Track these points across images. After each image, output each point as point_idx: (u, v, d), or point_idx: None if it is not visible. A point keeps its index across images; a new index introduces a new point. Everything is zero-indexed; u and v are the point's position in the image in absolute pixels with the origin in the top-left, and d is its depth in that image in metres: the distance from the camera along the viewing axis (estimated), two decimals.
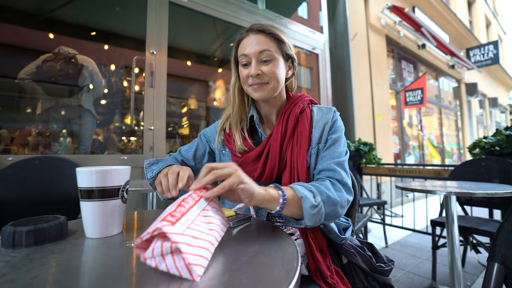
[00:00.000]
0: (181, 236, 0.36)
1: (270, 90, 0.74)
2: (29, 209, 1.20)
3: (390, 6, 4.50)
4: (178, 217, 0.39)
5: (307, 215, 0.58)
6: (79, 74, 2.27)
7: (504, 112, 13.35)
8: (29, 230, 0.45)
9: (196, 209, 0.44)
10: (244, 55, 0.73)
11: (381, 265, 0.71)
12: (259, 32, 0.73)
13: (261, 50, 0.72)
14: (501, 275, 0.57)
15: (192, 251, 0.36)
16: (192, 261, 0.35)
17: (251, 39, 0.73)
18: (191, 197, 0.45)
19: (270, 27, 0.74)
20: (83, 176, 0.50)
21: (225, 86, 4.18)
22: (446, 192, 1.18)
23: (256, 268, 0.38)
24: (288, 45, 0.77)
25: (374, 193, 3.80)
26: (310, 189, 0.60)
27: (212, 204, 0.49)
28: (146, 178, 0.75)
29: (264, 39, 0.73)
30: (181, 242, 0.35)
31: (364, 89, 3.99)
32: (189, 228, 0.39)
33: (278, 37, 0.74)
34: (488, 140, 2.13)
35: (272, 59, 0.73)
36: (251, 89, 0.75)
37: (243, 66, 0.75)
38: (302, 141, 0.72)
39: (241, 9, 2.79)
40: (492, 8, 12.48)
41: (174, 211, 0.40)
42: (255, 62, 0.72)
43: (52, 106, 2.24)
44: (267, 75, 0.73)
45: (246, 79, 0.75)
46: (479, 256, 2.16)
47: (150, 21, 2.15)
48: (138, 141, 2.70)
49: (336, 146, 0.73)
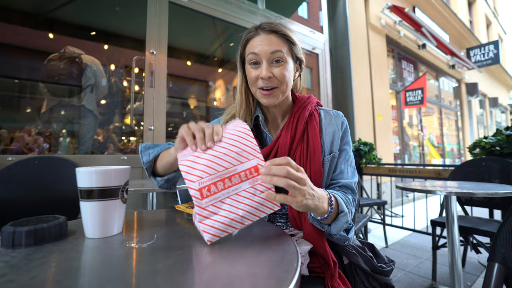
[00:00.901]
0: (202, 209, 0.47)
1: (280, 95, 0.72)
2: (29, 209, 1.20)
3: (390, 6, 4.50)
4: (210, 194, 0.48)
5: (338, 228, 0.61)
6: (82, 74, 2.27)
7: (504, 112, 13.34)
8: (29, 230, 0.45)
9: (234, 189, 0.50)
10: (254, 53, 0.70)
11: (382, 265, 0.70)
12: (271, 32, 0.70)
13: (273, 51, 0.69)
14: (501, 275, 0.57)
15: (207, 222, 0.47)
16: (203, 229, 0.47)
17: (262, 38, 0.70)
18: (239, 176, 0.50)
19: (282, 27, 0.72)
20: (83, 176, 0.50)
21: (225, 86, 4.18)
22: (446, 192, 1.18)
23: (256, 268, 0.38)
24: (299, 47, 0.76)
25: (374, 193, 3.80)
26: (346, 204, 0.64)
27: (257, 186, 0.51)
28: (142, 161, 0.70)
29: (277, 40, 0.70)
30: (199, 214, 0.47)
31: (364, 89, 3.99)
32: (212, 205, 0.48)
33: (290, 39, 0.72)
34: (489, 140, 2.13)
35: (283, 61, 0.70)
36: (260, 93, 0.72)
37: (252, 65, 0.72)
38: (315, 147, 0.72)
39: (241, 9, 2.79)
40: (493, 8, 12.48)
41: (215, 184, 0.49)
42: (266, 63, 0.69)
43: (55, 105, 2.24)
44: (278, 78, 0.70)
45: (255, 81, 0.72)
46: (479, 256, 2.15)
47: (150, 21, 2.15)
48: (138, 141, 2.70)
49: (349, 155, 0.78)
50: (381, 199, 2.94)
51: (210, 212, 0.48)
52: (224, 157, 0.51)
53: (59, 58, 2.18)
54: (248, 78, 0.74)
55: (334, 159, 0.75)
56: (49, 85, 2.23)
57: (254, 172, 0.51)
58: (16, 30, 2.32)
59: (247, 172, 0.51)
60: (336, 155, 0.75)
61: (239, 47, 0.76)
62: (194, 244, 0.47)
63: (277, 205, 0.52)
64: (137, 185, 1.36)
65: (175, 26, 2.39)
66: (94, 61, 2.34)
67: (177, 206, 0.70)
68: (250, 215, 0.50)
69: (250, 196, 0.50)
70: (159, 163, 0.69)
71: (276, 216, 0.77)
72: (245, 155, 0.52)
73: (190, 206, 0.68)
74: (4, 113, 2.28)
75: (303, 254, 0.65)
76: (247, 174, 0.51)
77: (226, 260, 0.41)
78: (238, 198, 0.50)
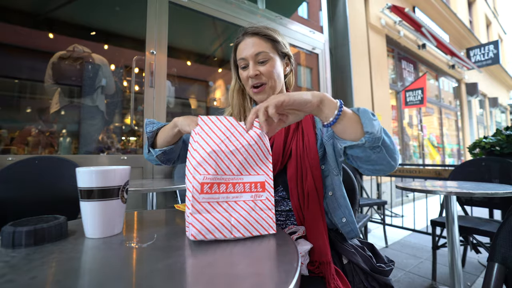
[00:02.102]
0: (197, 203, 0.47)
1: (269, 90, 0.78)
2: (29, 209, 1.20)
3: (390, 6, 4.50)
4: (210, 192, 0.48)
5: (368, 122, 0.52)
6: (97, 75, 2.29)
7: (504, 112, 13.34)
8: (29, 230, 0.45)
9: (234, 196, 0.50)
10: (242, 58, 0.77)
11: (382, 265, 0.70)
12: (253, 35, 0.77)
13: (257, 53, 0.75)
14: (501, 275, 0.57)
15: (197, 216, 0.46)
16: (191, 221, 0.46)
17: (246, 42, 0.77)
18: (243, 186, 0.51)
19: (263, 29, 0.78)
20: (83, 176, 0.50)
21: (225, 86, 4.18)
22: (446, 192, 1.18)
23: (256, 268, 0.38)
24: (283, 44, 0.81)
25: (374, 193, 3.80)
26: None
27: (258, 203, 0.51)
28: (145, 131, 0.76)
29: (259, 41, 0.76)
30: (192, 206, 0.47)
31: (364, 89, 3.99)
32: (208, 203, 0.48)
33: (272, 38, 0.78)
34: (488, 140, 2.13)
35: (268, 59, 0.77)
36: (252, 91, 0.79)
37: (243, 69, 0.79)
38: (309, 136, 0.75)
39: (241, 9, 2.78)
40: (492, 8, 12.48)
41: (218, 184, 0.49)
42: (253, 63, 0.76)
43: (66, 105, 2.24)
44: (264, 75, 0.76)
45: (247, 81, 0.79)
46: (479, 256, 2.15)
47: (150, 21, 2.15)
48: (138, 141, 2.70)
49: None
50: (381, 199, 2.94)
51: (203, 208, 0.47)
52: (237, 163, 0.51)
53: (72, 58, 2.18)
54: (242, 80, 0.82)
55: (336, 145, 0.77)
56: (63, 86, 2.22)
57: (260, 187, 0.51)
58: (16, 30, 2.32)
59: (252, 185, 0.51)
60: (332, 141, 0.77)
61: (232, 53, 0.83)
62: (194, 244, 0.47)
63: (273, 229, 0.51)
64: (137, 185, 1.37)
65: (175, 26, 2.38)
66: (103, 61, 2.34)
67: (177, 205, 0.71)
68: (242, 228, 0.49)
69: (248, 209, 0.50)
70: (160, 134, 0.75)
71: (276, 213, 0.77)
72: (256, 168, 0.53)
73: None
74: (4, 113, 2.28)
75: (303, 254, 0.65)
76: (252, 187, 0.51)
77: (226, 260, 0.41)
78: (235, 206, 0.50)
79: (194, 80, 4.38)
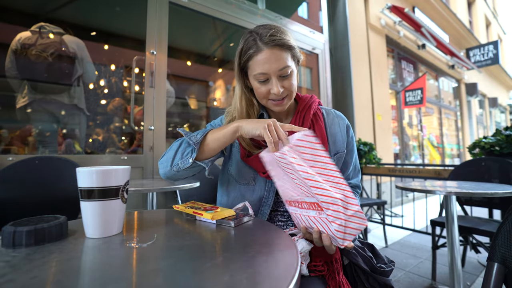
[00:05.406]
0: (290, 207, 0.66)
1: (288, 101, 0.75)
2: (29, 209, 1.20)
3: (390, 6, 4.50)
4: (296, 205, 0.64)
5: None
6: (73, 67, 1.88)
7: (504, 112, 13.35)
8: (29, 230, 0.45)
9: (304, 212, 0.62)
10: (263, 73, 0.69)
11: (382, 265, 0.70)
12: (275, 46, 0.68)
13: (281, 68, 0.69)
14: (501, 275, 0.57)
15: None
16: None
17: (267, 55, 0.68)
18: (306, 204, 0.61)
19: (284, 37, 0.70)
20: (83, 176, 0.50)
21: (225, 86, 4.18)
22: (446, 192, 1.18)
23: (256, 268, 0.38)
24: (297, 49, 0.75)
25: (374, 193, 3.80)
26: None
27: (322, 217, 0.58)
28: (189, 142, 0.68)
29: (281, 53, 0.69)
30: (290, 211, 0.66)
31: (364, 89, 3.99)
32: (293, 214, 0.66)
33: (291, 47, 0.71)
34: (488, 140, 2.13)
35: (290, 72, 0.71)
36: (271, 103, 0.74)
37: (261, 83, 0.72)
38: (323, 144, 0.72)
39: (241, 9, 2.79)
40: (492, 8, 12.48)
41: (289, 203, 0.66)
42: (276, 79, 0.70)
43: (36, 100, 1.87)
44: (287, 89, 0.72)
45: (267, 95, 0.73)
46: (479, 256, 2.15)
47: (150, 21, 2.15)
48: (137, 141, 2.70)
49: (355, 157, 0.84)
50: (381, 199, 2.94)
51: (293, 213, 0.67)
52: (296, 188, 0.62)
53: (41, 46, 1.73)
54: (257, 93, 0.74)
55: (340, 158, 0.80)
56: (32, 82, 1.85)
57: (317, 207, 0.58)
58: (16, 30, 2.31)
59: (310, 205, 0.60)
60: (342, 155, 0.80)
61: (238, 58, 0.74)
62: (194, 244, 0.47)
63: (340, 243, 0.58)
64: (137, 185, 1.37)
65: (175, 26, 2.39)
66: (79, 43, 1.92)
67: (175, 206, 0.70)
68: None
69: (321, 222, 0.58)
70: (213, 142, 0.68)
71: (277, 214, 0.77)
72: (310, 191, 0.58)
73: (189, 206, 0.68)
74: (4, 113, 2.28)
75: (303, 254, 0.65)
76: (312, 206, 0.60)
77: (226, 260, 0.41)
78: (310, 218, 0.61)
79: (194, 80, 4.39)
